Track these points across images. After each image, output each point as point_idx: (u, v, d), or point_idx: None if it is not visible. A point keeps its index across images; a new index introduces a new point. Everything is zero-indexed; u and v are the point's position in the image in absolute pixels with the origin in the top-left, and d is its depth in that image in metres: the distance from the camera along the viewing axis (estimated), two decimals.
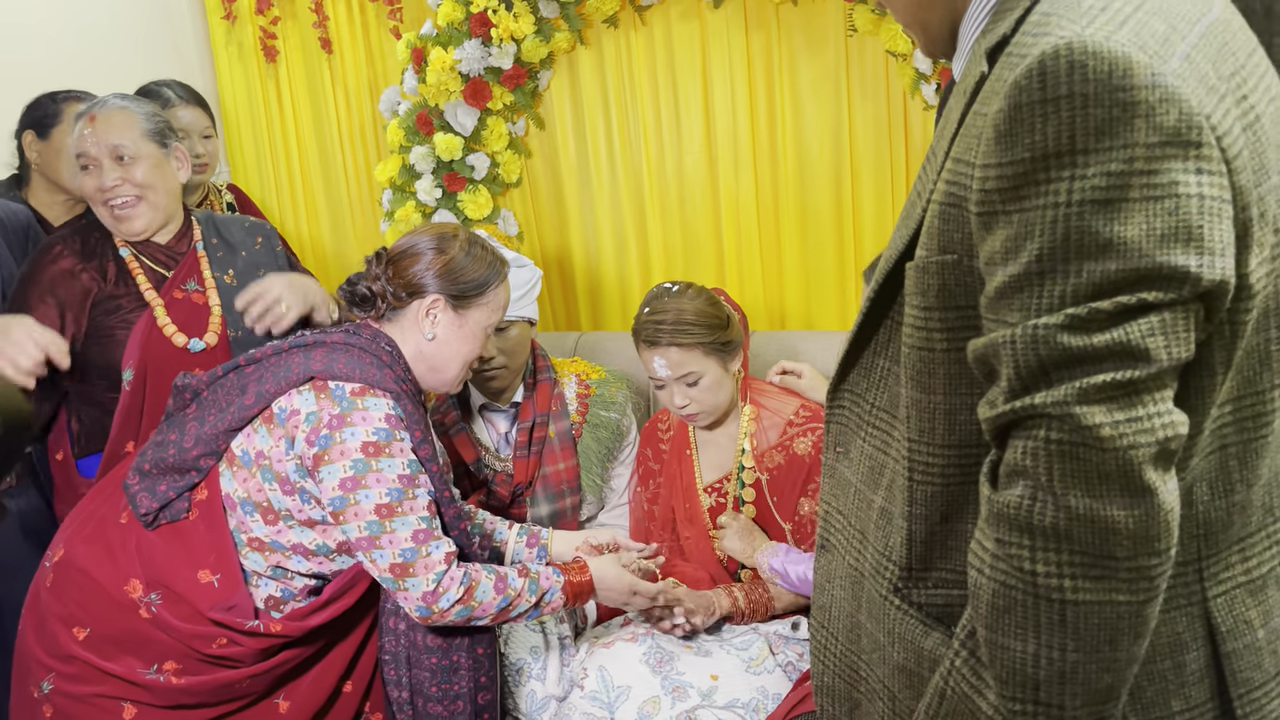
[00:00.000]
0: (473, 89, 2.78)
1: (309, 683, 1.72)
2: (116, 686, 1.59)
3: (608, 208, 2.93)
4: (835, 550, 1.11)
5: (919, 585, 0.98)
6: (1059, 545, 0.77)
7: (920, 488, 0.95)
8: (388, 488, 1.55)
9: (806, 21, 2.58)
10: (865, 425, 1.06)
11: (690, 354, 1.93)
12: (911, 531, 0.97)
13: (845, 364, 1.08)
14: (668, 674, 1.81)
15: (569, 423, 2.19)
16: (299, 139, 3.25)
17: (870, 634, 1.04)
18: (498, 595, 1.62)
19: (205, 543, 1.62)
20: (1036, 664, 0.79)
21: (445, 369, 1.71)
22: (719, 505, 2.07)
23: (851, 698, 1.10)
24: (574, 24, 2.73)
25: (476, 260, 1.71)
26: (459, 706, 1.71)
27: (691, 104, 2.76)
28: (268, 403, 1.60)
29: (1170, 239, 0.72)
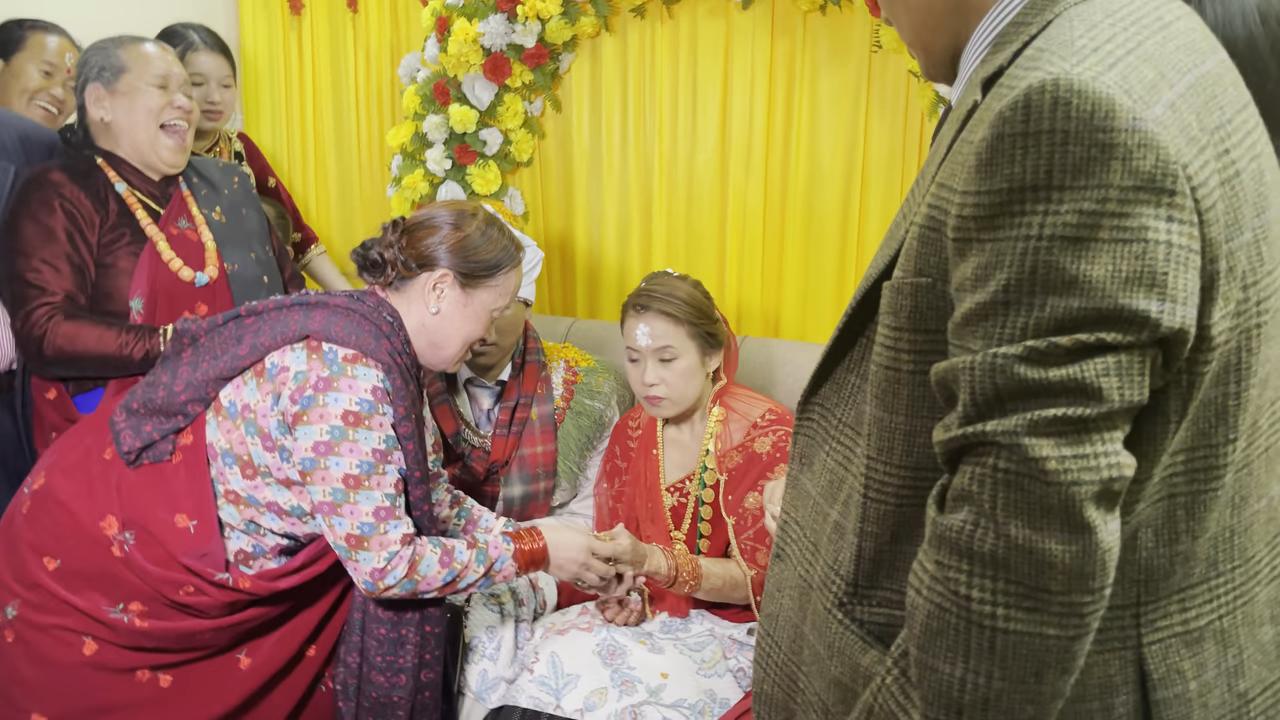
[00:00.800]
0: (493, 64, 2.78)
1: (272, 643, 1.73)
2: (79, 620, 1.60)
3: (615, 197, 2.93)
4: (788, 560, 1.11)
5: (863, 602, 0.98)
6: (995, 573, 0.77)
7: (874, 505, 0.95)
8: (359, 459, 1.55)
9: (832, 32, 2.58)
10: (830, 439, 1.06)
11: (674, 329, 1.94)
12: (861, 548, 0.97)
13: (818, 378, 1.08)
14: (618, 667, 1.81)
15: (552, 407, 2.20)
16: (315, 96, 3.25)
17: (812, 646, 1.04)
18: (442, 569, 1.62)
19: (185, 487, 1.63)
20: (962, 688, 0.80)
21: (445, 346, 1.71)
22: (680, 505, 2.07)
23: (788, 708, 1.10)
24: (601, 9, 2.73)
25: (491, 242, 1.70)
26: (400, 680, 1.72)
27: (709, 102, 2.75)
28: (261, 355, 1.60)
29: (1134, 283, 0.72)
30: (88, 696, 1.60)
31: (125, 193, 2.01)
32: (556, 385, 2.23)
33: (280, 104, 3.30)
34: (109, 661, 1.61)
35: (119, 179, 2.02)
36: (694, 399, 2.02)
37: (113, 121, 2.01)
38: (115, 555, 1.59)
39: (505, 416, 2.14)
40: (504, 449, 2.14)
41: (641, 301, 1.97)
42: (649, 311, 1.96)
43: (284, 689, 1.76)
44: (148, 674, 1.64)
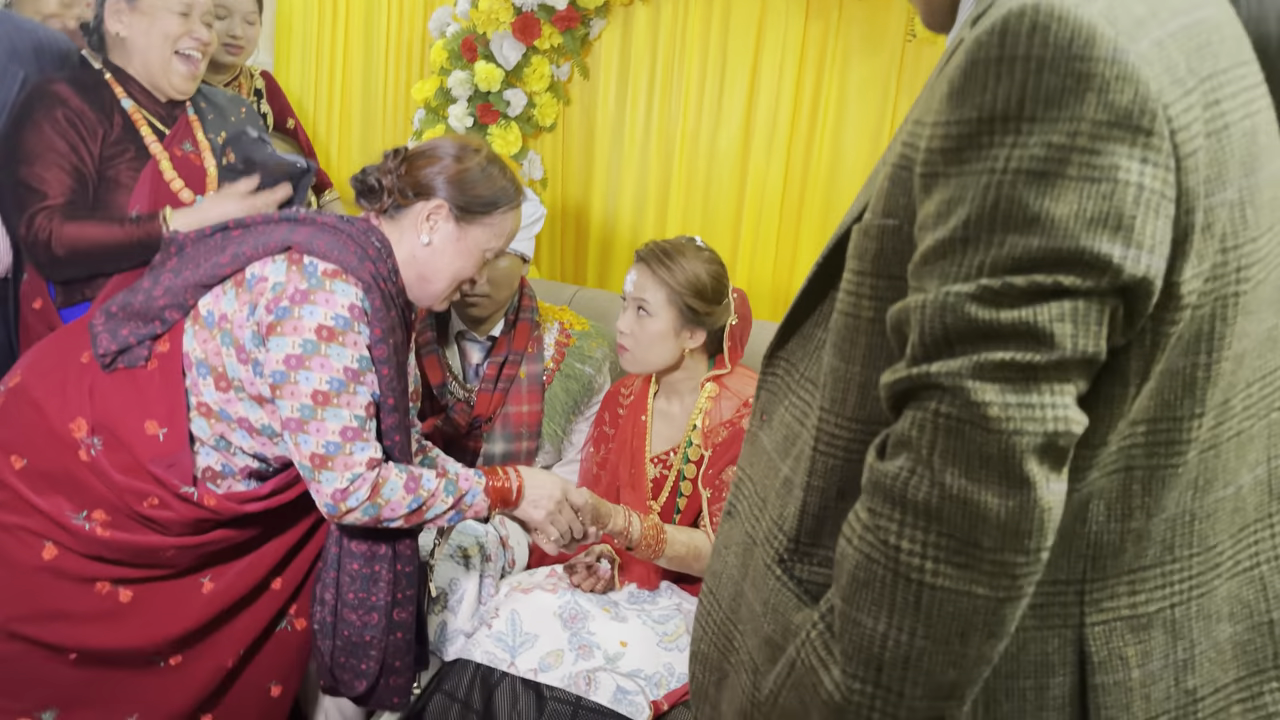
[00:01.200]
0: (523, 23, 2.75)
1: (237, 570, 1.70)
2: (41, 523, 1.57)
3: (634, 169, 2.89)
4: (738, 517, 1.07)
5: (803, 560, 0.94)
6: (927, 524, 0.73)
7: (822, 458, 0.91)
8: (330, 376, 1.52)
9: (867, 18, 2.53)
10: (791, 394, 1.02)
11: (656, 288, 1.91)
12: (806, 503, 0.93)
13: (785, 330, 1.04)
14: (578, 630, 1.78)
15: (541, 367, 2.16)
16: (347, 44, 3.24)
17: (749, 604, 1.00)
18: (407, 494, 1.57)
19: (159, 394, 1.60)
20: (884, 644, 0.75)
21: (434, 280, 1.67)
22: (661, 478, 2.03)
23: (722, 668, 1.06)
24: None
25: (491, 179, 1.66)
26: (373, 619, 1.68)
27: (737, 81, 2.71)
28: (242, 265, 1.57)
29: (1099, 224, 0.68)
30: (44, 601, 1.58)
31: (131, 109, 2.00)
32: (548, 346, 2.19)
33: (311, 50, 3.29)
34: (68, 568, 1.59)
35: (125, 95, 2.01)
36: (661, 364, 1.98)
37: (128, 39, 2.00)
38: (81, 459, 1.57)
39: (493, 371, 2.11)
40: (489, 404, 2.10)
41: (643, 251, 1.96)
42: (642, 262, 1.95)
43: (246, 619, 1.73)
44: (108, 586, 1.62)
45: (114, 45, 2.02)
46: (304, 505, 1.71)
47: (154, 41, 1.99)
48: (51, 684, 1.60)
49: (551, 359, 2.18)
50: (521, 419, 2.14)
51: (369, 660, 1.67)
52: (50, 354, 1.66)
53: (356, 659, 1.68)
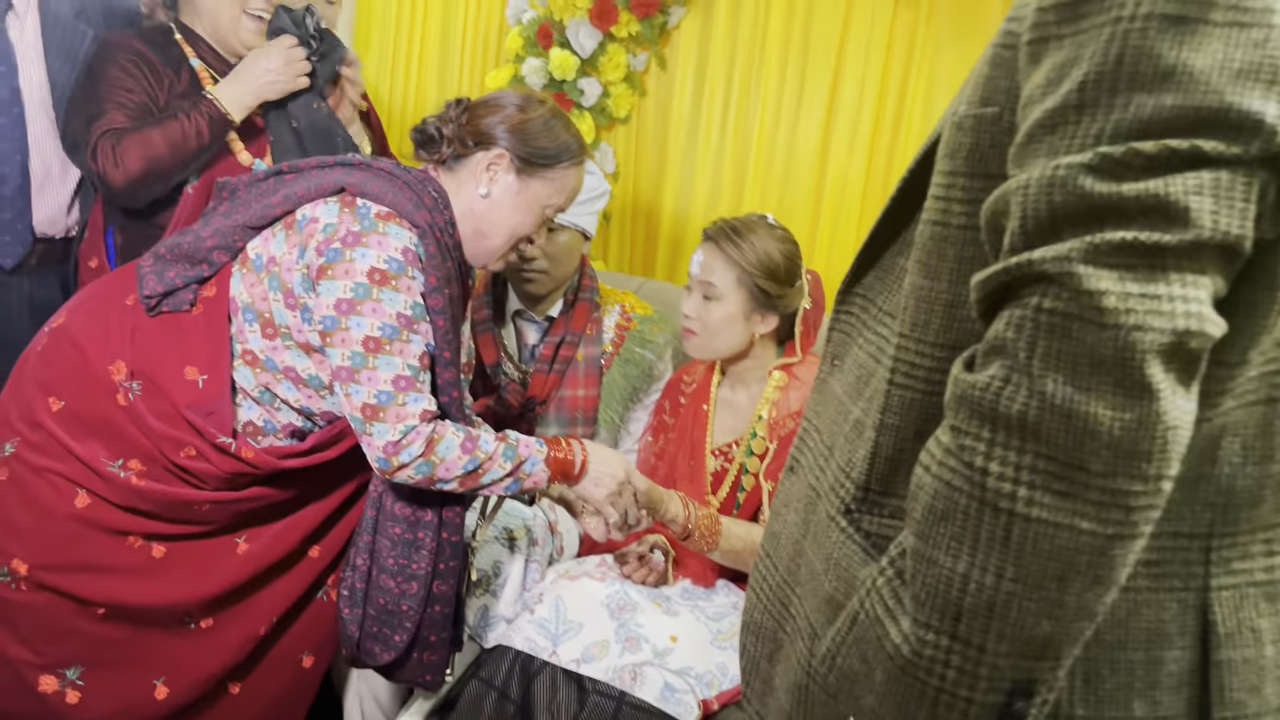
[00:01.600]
0: (600, 9, 2.69)
1: (274, 533, 1.63)
2: (76, 469, 1.52)
3: (709, 164, 2.80)
4: (800, 470, 0.96)
5: (872, 511, 0.82)
6: (1022, 442, 0.61)
7: (898, 392, 0.79)
8: (382, 321, 1.43)
9: (960, 6, 2.40)
10: (866, 330, 0.91)
11: (725, 269, 1.79)
12: (878, 444, 0.81)
13: (861, 263, 0.93)
14: (625, 622, 1.67)
15: (600, 350, 2.07)
16: (424, 33, 3.23)
17: (809, 563, 0.89)
18: (464, 455, 1.47)
19: (201, 340, 1.54)
20: (964, 587, 0.63)
21: (490, 235, 1.59)
22: (722, 471, 1.91)
23: (776, 638, 0.94)
24: None
25: (554, 131, 1.59)
26: (412, 588, 1.58)
27: (820, 74, 2.61)
28: (293, 206, 1.52)
29: (1249, 77, 0.56)
30: (74, 551, 1.53)
31: (199, 68, 1.99)
32: (608, 329, 2.10)
33: (389, 38, 3.28)
34: (100, 519, 1.53)
35: (194, 55, 1.99)
36: (728, 350, 1.86)
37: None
38: (119, 404, 1.51)
39: (548, 352, 2.03)
40: (543, 386, 2.02)
41: (712, 230, 1.84)
42: (710, 242, 1.83)
43: (281, 585, 1.65)
44: (140, 541, 1.55)
45: (184, 4, 2.01)
46: (345, 469, 1.63)
47: (222, 2, 1.97)
48: (78, 639, 1.54)
49: (611, 342, 2.09)
50: (577, 403, 2.04)
51: (402, 631, 1.58)
52: (97, 295, 1.61)
53: (390, 629, 1.59)
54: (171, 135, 1.86)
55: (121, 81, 1.90)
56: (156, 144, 1.85)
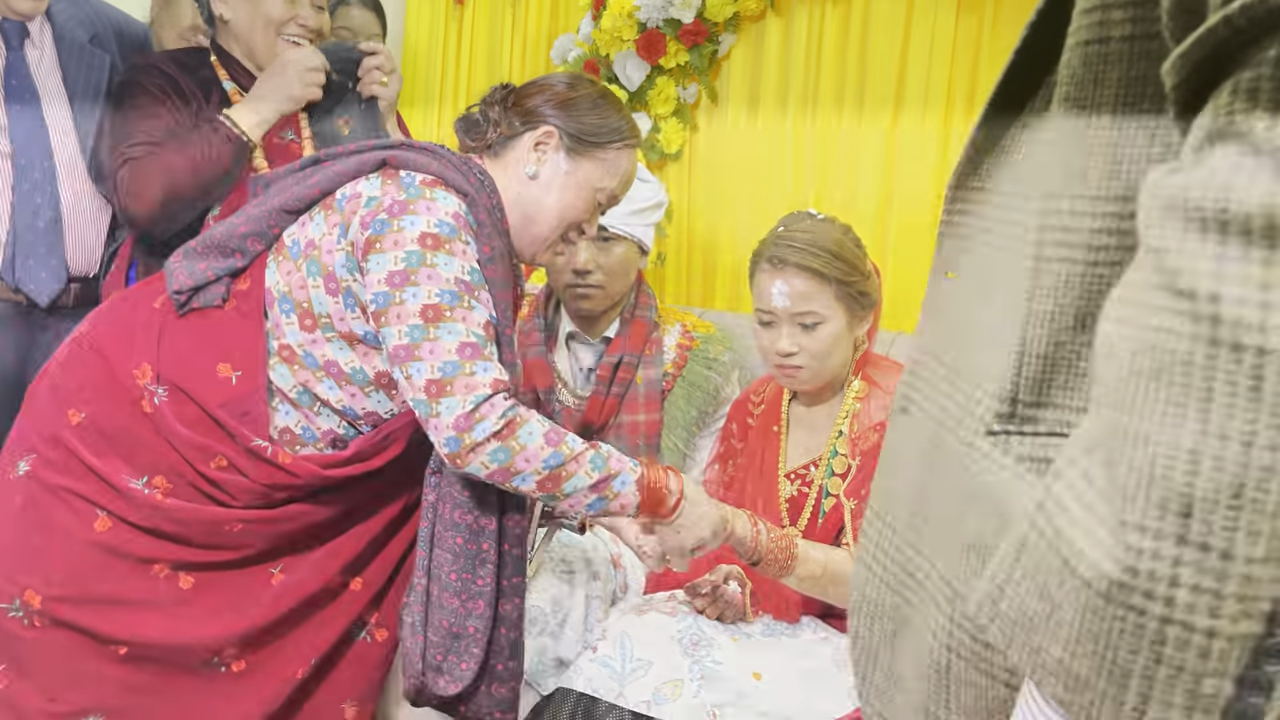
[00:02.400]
0: (647, 40, 2.61)
1: (312, 561, 1.47)
2: (95, 488, 1.38)
3: (767, 198, 2.67)
4: (914, 407, 0.79)
5: (1023, 428, 0.65)
6: (1271, 247, 0.44)
7: (1050, 269, 0.62)
8: (440, 287, 1.30)
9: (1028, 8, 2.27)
10: (995, 222, 0.74)
11: (819, 289, 1.60)
12: (1026, 342, 0.64)
13: (975, 152, 0.77)
14: (700, 659, 1.47)
15: (660, 372, 1.92)
16: (470, 85, 3.19)
17: (938, 511, 0.71)
18: (548, 447, 1.30)
19: (235, 335, 1.42)
20: (1194, 467, 0.45)
21: (539, 221, 1.47)
22: (800, 496, 1.72)
23: (899, 614, 0.76)
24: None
25: (605, 110, 1.50)
26: (478, 606, 1.40)
27: (881, 91, 2.48)
28: (332, 186, 1.41)
29: None
30: (93, 582, 1.38)
31: (232, 91, 1.91)
32: (668, 349, 1.95)
33: (435, 93, 3.26)
34: (122, 545, 1.38)
35: (228, 78, 1.92)
36: (835, 373, 1.69)
37: (232, 21, 1.93)
38: (143, 410, 1.38)
39: (605, 373, 1.88)
40: (600, 411, 1.86)
41: (779, 253, 1.64)
42: (788, 267, 1.62)
43: (319, 621, 1.48)
44: (166, 570, 1.40)
45: (220, 28, 1.95)
46: (390, 486, 1.49)
47: (257, 25, 1.91)
48: (97, 683, 1.38)
49: (672, 363, 1.93)
50: (638, 429, 1.88)
51: (469, 658, 1.40)
52: (123, 301, 1.51)
53: (456, 656, 1.40)
54: (192, 160, 1.78)
55: (147, 108, 1.83)
56: (177, 171, 1.77)
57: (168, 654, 1.40)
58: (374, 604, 1.53)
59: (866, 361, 1.72)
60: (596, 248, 1.87)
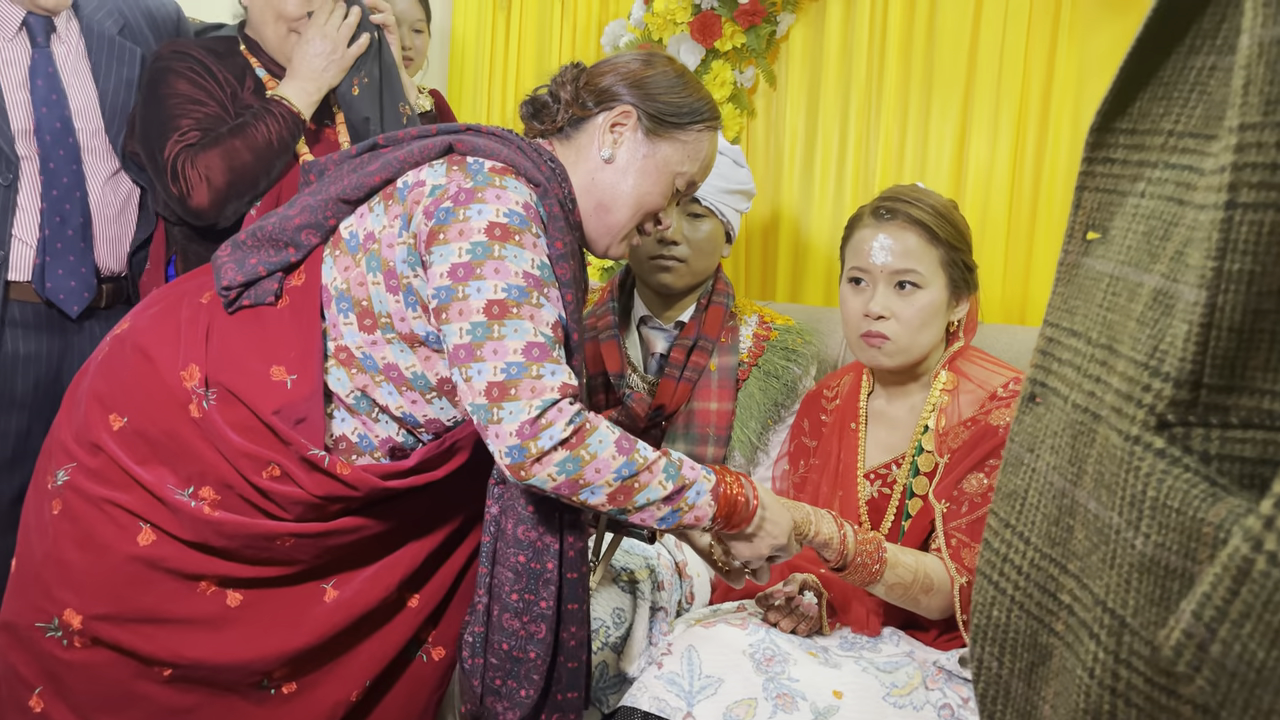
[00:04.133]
0: (701, 22, 2.49)
1: (366, 577, 1.38)
2: (139, 499, 1.29)
3: (830, 185, 2.54)
4: (1053, 395, 0.66)
5: (1210, 419, 0.52)
6: None
7: (1248, 216, 0.50)
8: (507, 281, 1.19)
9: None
10: (1153, 167, 0.62)
11: (925, 248, 1.49)
12: (1214, 309, 0.51)
13: (1125, 87, 0.65)
14: (775, 676, 1.35)
15: (736, 360, 1.82)
16: (519, 79, 3.11)
17: (1093, 521, 0.58)
18: (620, 455, 1.18)
19: (290, 335, 1.32)
20: None
21: (615, 208, 1.37)
22: (881, 497, 1.59)
23: (1037, 644, 0.63)
24: None
25: (685, 89, 1.39)
26: (540, 630, 1.30)
27: (952, 67, 2.34)
28: (394, 174, 1.31)
29: None
30: (137, 599, 1.29)
31: (265, 79, 1.86)
32: (744, 339, 1.86)
33: (483, 87, 3.18)
34: (167, 560, 1.29)
35: (259, 64, 1.86)
36: (923, 353, 1.56)
37: (249, 9, 1.89)
38: (192, 416, 1.29)
39: (679, 356, 1.79)
40: (672, 395, 1.77)
41: (887, 204, 1.52)
42: (896, 219, 1.50)
43: (375, 641, 1.39)
44: (213, 587, 1.32)
45: (248, 16, 1.90)
46: (450, 498, 1.40)
47: (267, 18, 1.86)
48: (140, 707, 1.30)
49: (749, 352, 1.84)
50: (709, 417, 1.77)
51: (529, 685, 1.30)
52: (167, 296, 1.41)
53: (515, 680, 1.31)
54: (253, 141, 1.73)
55: (190, 94, 1.77)
56: (240, 152, 1.72)
57: (214, 675, 1.31)
58: (431, 622, 1.44)
59: (958, 354, 1.58)
60: (686, 220, 1.79)
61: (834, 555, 1.36)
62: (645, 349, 1.87)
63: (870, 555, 1.37)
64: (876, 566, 1.37)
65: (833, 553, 1.36)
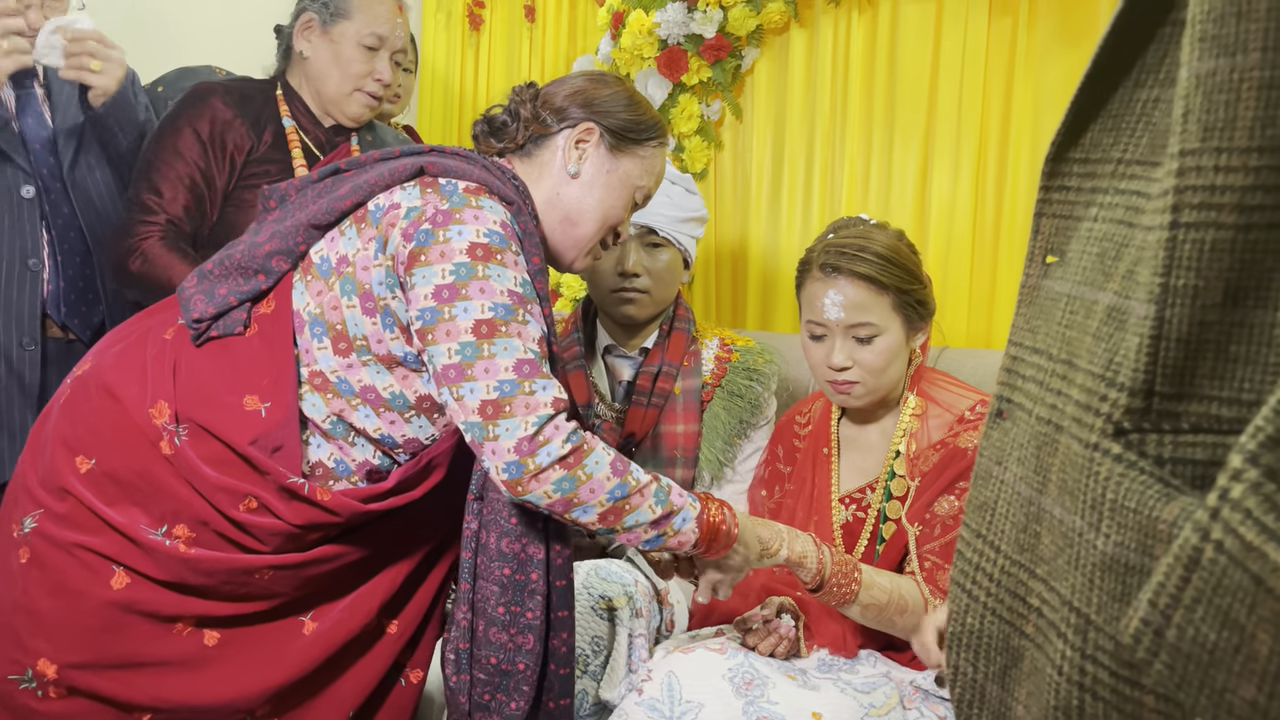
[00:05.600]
0: (668, 57, 2.54)
1: (345, 607, 1.37)
2: (111, 542, 1.27)
3: (797, 216, 2.59)
4: (1018, 410, 0.69)
5: (1161, 426, 0.55)
6: None
7: (1190, 235, 0.53)
8: (493, 300, 1.21)
9: (1065, 7, 2.19)
10: (1104, 193, 0.65)
11: (875, 298, 1.52)
12: (1163, 323, 0.55)
13: (1077, 119, 0.69)
14: (754, 699, 1.36)
15: (699, 382, 1.84)
16: (489, 99, 3.12)
17: (1058, 526, 0.61)
18: (614, 477, 1.21)
19: (261, 363, 1.31)
20: None
21: (580, 222, 1.41)
22: (856, 521, 1.61)
23: (1009, 647, 0.66)
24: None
25: (639, 107, 1.44)
26: (528, 641, 1.30)
27: (913, 99, 2.40)
28: (365, 196, 1.32)
29: None
30: (112, 644, 1.27)
31: (290, 130, 1.91)
32: (707, 361, 1.89)
33: (454, 117, 3.21)
34: (143, 602, 1.28)
35: (288, 115, 1.91)
36: (892, 386, 1.59)
37: (310, 61, 1.94)
38: (163, 453, 1.28)
39: (645, 383, 1.82)
40: (641, 422, 1.79)
41: (831, 260, 1.54)
42: (842, 275, 1.52)
43: (356, 671, 1.38)
44: (189, 628, 1.30)
45: (295, 62, 1.96)
46: (425, 519, 1.40)
47: (333, 74, 1.92)
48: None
49: (711, 374, 1.86)
50: (676, 440, 1.79)
51: (519, 697, 1.30)
52: (128, 335, 1.40)
53: (505, 694, 1.31)
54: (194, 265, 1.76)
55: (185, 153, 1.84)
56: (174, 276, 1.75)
57: (196, 717, 1.30)
58: (410, 646, 1.44)
59: (921, 376, 1.62)
60: (644, 251, 1.82)
61: (810, 575, 1.38)
62: (612, 377, 1.90)
63: (846, 575, 1.39)
64: (853, 587, 1.40)
65: (809, 573, 1.38)
